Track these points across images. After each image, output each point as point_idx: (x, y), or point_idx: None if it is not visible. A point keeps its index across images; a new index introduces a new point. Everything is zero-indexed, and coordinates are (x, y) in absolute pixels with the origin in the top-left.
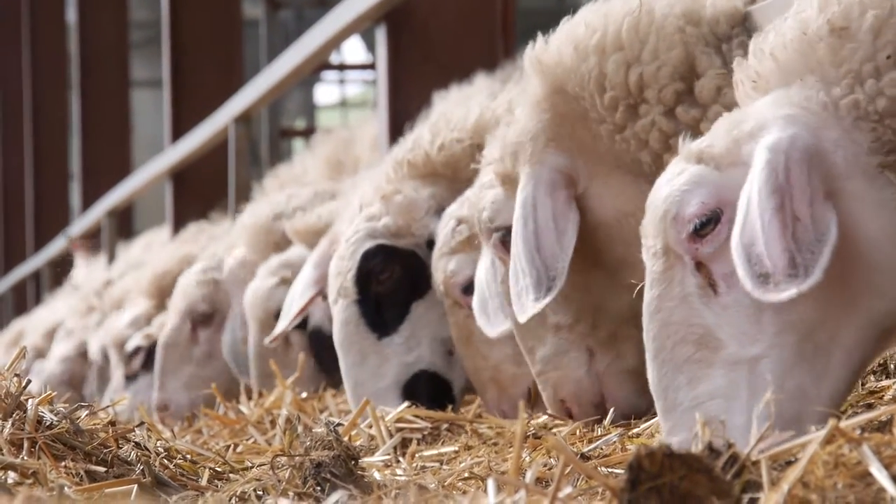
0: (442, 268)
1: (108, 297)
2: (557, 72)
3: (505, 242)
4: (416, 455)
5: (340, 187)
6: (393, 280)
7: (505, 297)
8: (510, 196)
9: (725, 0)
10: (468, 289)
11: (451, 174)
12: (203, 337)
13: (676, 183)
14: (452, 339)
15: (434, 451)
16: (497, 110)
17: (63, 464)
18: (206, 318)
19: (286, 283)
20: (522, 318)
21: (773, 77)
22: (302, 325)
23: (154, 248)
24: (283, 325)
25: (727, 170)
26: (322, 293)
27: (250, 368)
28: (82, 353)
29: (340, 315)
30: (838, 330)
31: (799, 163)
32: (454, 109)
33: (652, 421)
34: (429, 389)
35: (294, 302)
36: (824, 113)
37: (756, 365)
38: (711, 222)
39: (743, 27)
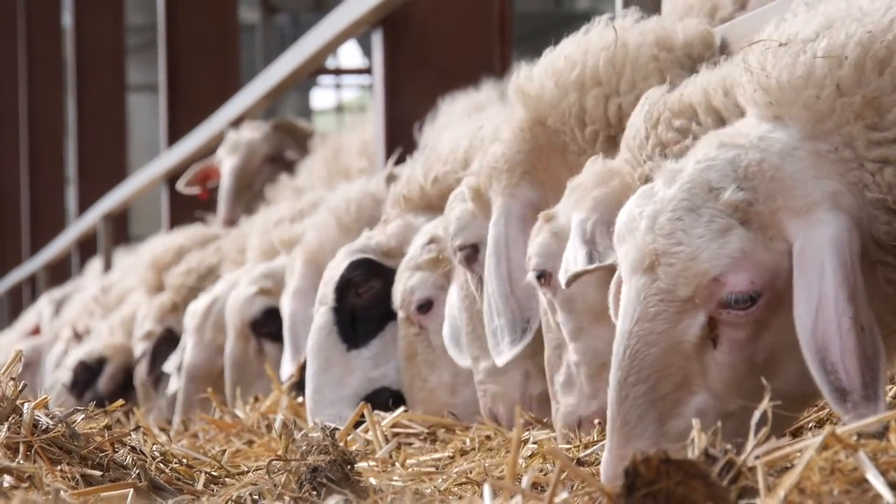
0: (403, 281)
1: (106, 302)
2: (539, 105)
3: (469, 259)
4: (412, 459)
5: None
6: (372, 294)
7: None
8: (477, 213)
9: (695, 24)
10: (423, 307)
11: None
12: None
13: (726, 247)
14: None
15: (430, 457)
16: (485, 140)
17: (59, 468)
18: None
19: (264, 293)
20: (500, 362)
21: (799, 120)
22: (277, 336)
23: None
24: (294, 366)
25: (771, 244)
26: None
27: (226, 375)
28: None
29: (317, 321)
30: (800, 404)
31: (857, 263)
32: (443, 142)
33: None
34: (389, 407)
35: (298, 340)
36: (857, 193)
37: (726, 419)
38: (749, 301)
39: (716, 48)
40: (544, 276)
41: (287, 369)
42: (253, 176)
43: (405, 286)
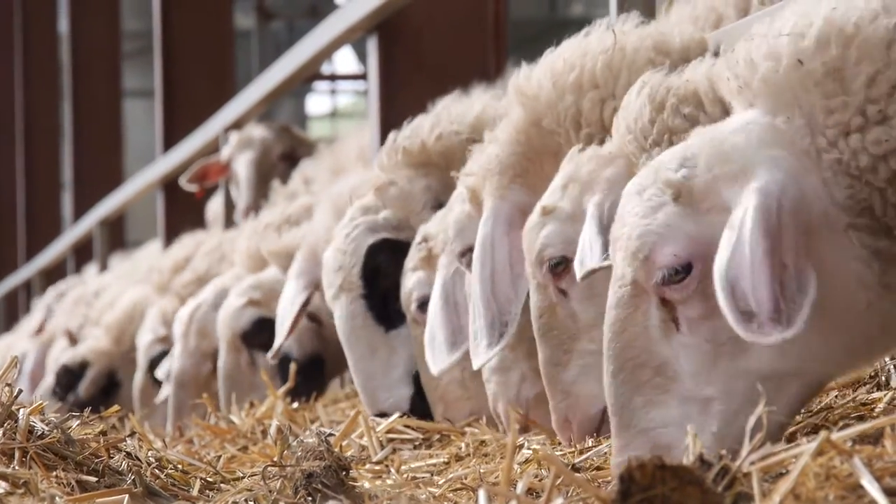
0: (404, 283)
1: (97, 306)
2: (536, 106)
3: (470, 263)
4: (407, 465)
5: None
6: (398, 273)
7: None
8: (474, 216)
9: (692, 30)
10: (423, 306)
11: (445, 164)
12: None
13: (652, 223)
14: None
15: (425, 462)
16: (499, 110)
17: (54, 473)
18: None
19: (254, 304)
20: (476, 364)
21: (761, 98)
22: (268, 347)
23: (144, 261)
24: (279, 340)
25: (705, 216)
26: (310, 299)
27: (219, 388)
28: None
29: (346, 309)
30: (784, 385)
31: (789, 212)
32: (456, 104)
33: None
34: None
35: (286, 315)
36: (807, 160)
37: (708, 405)
38: (681, 273)
39: (712, 53)
40: (564, 264)
41: (275, 345)
42: (270, 170)
43: (405, 288)
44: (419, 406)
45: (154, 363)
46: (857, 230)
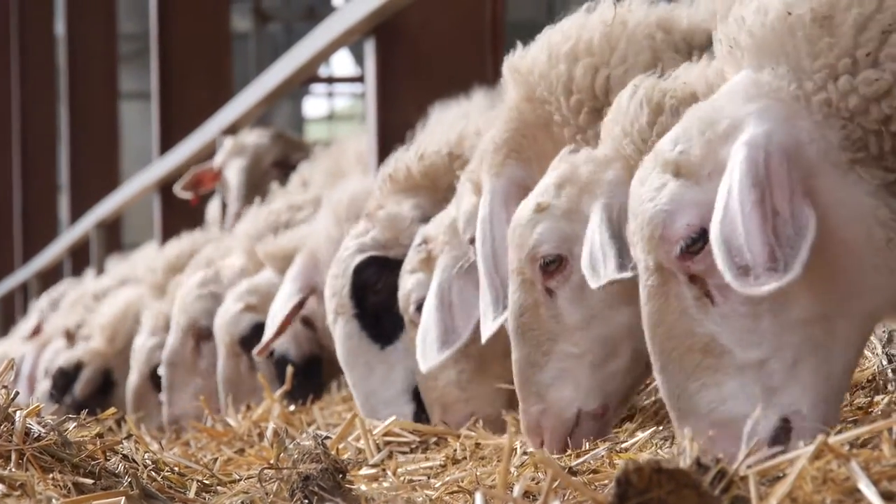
0: (402, 285)
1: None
2: (529, 79)
3: None
4: (403, 468)
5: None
6: (387, 289)
7: None
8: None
9: (703, 17)
10: (421, 308)
11: (431, 184)
12: (206, 350)
13: (659, 202)
14: None
15: (421, 465)
16: (480, 126)
17: (51, 476)
18: (209, 332)
19: (251, 309)
20: (484, 337)
21: (749, 52)
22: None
23: (140, 263)
24: (267, 337)
25: (708, 181)
26: (303, 302)
27: (219, 392)
28: None
29: (342, 331)
30: (833, 326)
31: (778, 158)
32: (440, 127)
33: (641, 436)
34: None
35: (277, 314)
36: (796, 105)
37: (763, 366)
38: (699, 241)
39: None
40: (557, 262)
41: (262, 342)
42: (262, 177)
43: (403, 290)
44: (423, 423)
45: (156, 370)
46: (864, 165)
